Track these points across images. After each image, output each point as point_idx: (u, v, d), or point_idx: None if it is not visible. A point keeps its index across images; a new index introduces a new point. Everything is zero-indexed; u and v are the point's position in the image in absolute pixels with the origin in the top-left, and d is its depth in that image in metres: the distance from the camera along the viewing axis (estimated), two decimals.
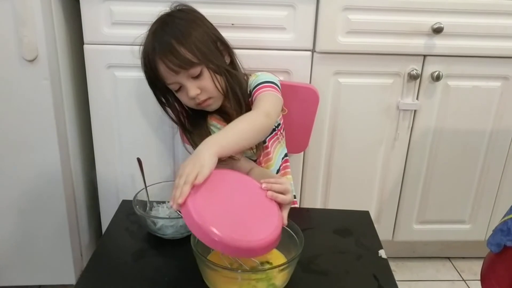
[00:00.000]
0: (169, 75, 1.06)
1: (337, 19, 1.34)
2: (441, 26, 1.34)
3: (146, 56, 1.08)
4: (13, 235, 1.46)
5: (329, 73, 1.40)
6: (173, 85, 1.09)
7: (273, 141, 1.21)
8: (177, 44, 1.04)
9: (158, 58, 1.05)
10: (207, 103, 1.11)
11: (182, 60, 1.04)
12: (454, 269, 1.75)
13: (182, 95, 1.11)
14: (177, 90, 1.10)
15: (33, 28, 1.23)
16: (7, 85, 1.28)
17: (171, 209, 0.97)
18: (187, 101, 1.11)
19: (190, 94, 1.07)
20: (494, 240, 0.95)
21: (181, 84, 1.08)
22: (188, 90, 1.07)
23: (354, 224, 0.99)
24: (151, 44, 1.06)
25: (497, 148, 1.55)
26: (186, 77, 1.06)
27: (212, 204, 0.76)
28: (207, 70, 1.07)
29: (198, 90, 1.07)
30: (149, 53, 1.06)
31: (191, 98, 1.08)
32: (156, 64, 1.06)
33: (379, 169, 1.55)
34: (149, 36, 1.09)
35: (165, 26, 1.07)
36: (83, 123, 1.49)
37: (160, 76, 1.08)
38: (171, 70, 1.04)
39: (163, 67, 1.05)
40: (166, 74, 1.06)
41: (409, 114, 1.47)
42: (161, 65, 1.05)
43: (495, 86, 1.47)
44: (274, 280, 0.76)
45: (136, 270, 0.86)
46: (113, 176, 1.47)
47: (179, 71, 1.05)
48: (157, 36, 1.06)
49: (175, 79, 1.07)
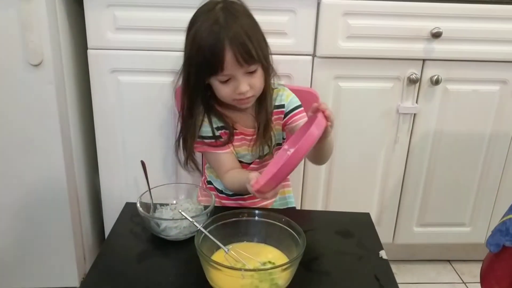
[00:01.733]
0: (231, 66, 1.02)
1: (337, 24, 1.35)
2: (440, 31, 1.36)
3: (211, 41, 1.01)
4: (17, 238, 1.47)
5: (330, 77, 1.42)
6: (224, 76, 1.05)
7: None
8: (247, 38, 1.02)
9: (228, 47, 1.00)
10: (248, 100, 1.09)
11: (249, 54, 1.02)
12: (455, 271, 1.76)
13: (226, 87, 1.07)
14: (224, 81, 1.06)
15: (38, 33, 1.25)
16: (13, 89, 1.30)
17: (174, 211, 0.98)
18: (229, 94, 1.07)
19: (241, 89, 1.05)
20: (493, 240, 0.97)
21: (234, 77, 1.05)
22: (240, 85, 1.05)
23: (355, 226, 1.00)
24: (218, 31, 1.01)
25: (496, 151, 1.56)
26: (243, 71, 1.05)
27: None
28: (261, 69, 1.08)
29: (248, 87, 1.06)
30: (217, 40, 1.01)
31: (238, 93, 1.06)
32: (223, 52, 1.00)
33: (379, 172, 1.56)
34: (208, 21, 1.03)
35: (231, 16, 1.03)
36: (87, 127, 1.50)
37: (217, 64, 1.02)
38: (237, 61, 1.01)
39: (230, 57, 1.01)
40: (228, 64, 1.02)
41: (408, 117, 1.49)
42: (228, 53, 1.01)
43: (493, 90, 1.48)
44: (276, 279, 0.78)
45: (140, 271, 0.87)
46: (116, 180, 1.48)
47: (243, 65, 1.02)
48: (226, 25, 1.01)
49: (232, 71, 1.03)
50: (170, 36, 1.32)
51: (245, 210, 0.92)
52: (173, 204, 1.01)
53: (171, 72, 1.36)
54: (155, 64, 1.35)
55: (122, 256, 0.92)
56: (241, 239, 0.90)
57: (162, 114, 1.40)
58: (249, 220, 0.90)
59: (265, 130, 1.14)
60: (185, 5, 1.29)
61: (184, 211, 0.93)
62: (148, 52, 1.34)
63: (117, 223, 1.02)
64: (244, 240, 0.90)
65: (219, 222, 0.88)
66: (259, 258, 0.84)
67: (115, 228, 1.00)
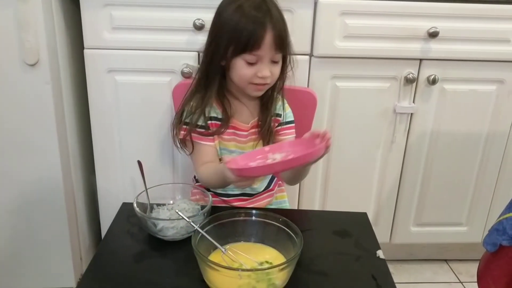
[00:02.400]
0: (267, 48, 1.05)
1: (334, 23, 1.35)
2: (436, 30, 1.36)
3: (253, 11, 1.04)
4: (13, 239, 1.46)
5: (327, 77, 1.42)
6: (254, 57, 1.07)
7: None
8: (283, 26, 1.08)
9: (270, 29, 1.04)
10: (264, 87, 1.13)
11: (284, 42, 1.08)
12: (452, 271, 1.77)
13: (250, 69, 1.08)
14: (250, 63, 1.08)
15: (34, 33, 1.24)
16: (9, 89, 1.30)
17: (171, 211, 0.98)
18: (249, 76, 1.08)
19: (263, 73, 1.07)
20: (490, 239, 0.97)
21: (261, 60, 1.07)
22: (263, 69, 1.08)
23: (353, 225, 1.01)
24: (263, 14, 1.05)
25: (493, 151, 1.56)
26: (271, 57, 1.08)
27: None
28: (281, 61, 1.12)
29: (270, 73, 1.09)
30: (260, 11, 1.04)
31: (260, 76, 1.08)
32: (265, 30, 1.04)
33: (376, 172, 1.56)
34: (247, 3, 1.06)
35: (270, 4, 1.08)
36: (83, 127, 1.50)
37: (256, 42, 1.04)
38: (275, 45, 1.05)
39: (269, 39, 1.04)
40: (266, 45, 1.05)
41: (405, 117, 1.49)
42: (269, 35, 1.04)
43: (490, 90, 1.49)
44: (274, 280, 0.77)
45: (137, 271, 0.87)
46: (113, 180, 1.48)
47: (277, 50, 1.07)
48: (268, 10, 1.06)
49: (264, 53, 1.06)
50: (167, 35, 1.32)
51: (242, 210, 0.92)
52: (170, 204, 1.01)
53: (168, 72, 1.36)
54: (152, 64, 1.35)
55: (119, 256, 0.92)
56: (238, 239, 0.90)
57: (159, 114, 1.40)
58: (246, 220, 0.90)
59: (267, 127, 1.16)
60: (182, 4, 1.30)
61: (181, 211, 0.93)
62: (145, 52, 1.34)
63: (113, 223, 1.01)
64: (241, 240, 0.90)
65: (216, 222, 0.88)
66: (256, 258, 0.84)
67: (112, 228, 1.00)
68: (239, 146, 1.17)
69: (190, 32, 1.32)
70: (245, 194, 1.22)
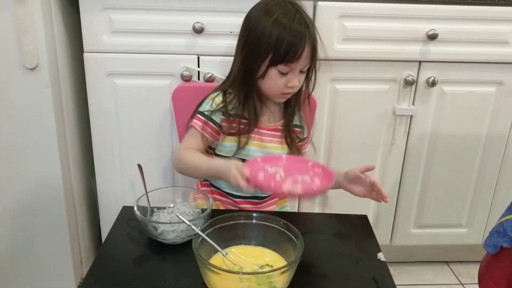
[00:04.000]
0: (302, 60, 1.08)
1: (333, 26, 1.36)
2: (435, 32, 1.37)
3: (292, 24, 1.06)
4: (13, 242, 1.46)
5: (326, 79, 1.42)
6: (288, 68, 1.09)
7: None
8: (316, 39, 1.11)
9: (309, 42, 1.08)
10: (290, 95, 1.15)
11: (317, 53, 1.11)
12: (452, 273, 1.76)
13: (281, 79, 1.10)
14: (283, 73, 1.10)
15: (34, 37, 1.24)
16: (8, 93, 1.30)
17: (172, 214, 0.97)
18: (280, 86, 1.11)
19: (293, 83, 1.11)
20: (490, 241, 0.97)
21: (292, 71, 1.10)
22: (293, 79, 1.10)
23: (353, 228, 1.01)
24: (303, 28, 1.07)
25: (492, 152, 1.56)
26: (302, 67, 1.11)
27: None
28: (307, 71, 1.15)
29: (298, 83, 1.12)
30: (299, 23, 1.07)
31: (291, 86, 1.11)
32: (304, 46, 1.07)
33: (376, 174, 1.56)
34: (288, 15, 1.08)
35: (304, 14, 1.10)
36: (83, 131, 1.50)
37: (295, 55, 1.07)
38: (311, 56, 1.09)
39: (307, 52, 1.08)
40: (303, 58, 1.08)
41: (405, 119, 1.49)
42: (307, 48, 1.08)
43: (489, 91, 1.49)
44: (275, 283, 0.77)
45: (138, 275, 0.87)
46: (113, 183, 1.47)
47: (310, 61, 1.11)
48: (306, 24, 1.08)
49: (298, 66, 1.09)
50: (166, 39, 1.32)
51: (243, 213, 0.91)
52: (170, 208, 1.01)
53: (168, 75, 1.36)
54: (151, 67, 1.35)
55: (119, 260, 0.92)
56: (239, 242, 0.89)
57: (159, 117, 1.40)
58: (246, 223, 0.90)
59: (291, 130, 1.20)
60: (181, 8, 1.30)
61: (182, 214, 0.93)
62: (144, 55, 1.34)
63: (114, 227, 1.01)
64: (241, 243, 0.90)
65: (216, 225, 0.87)
66: (257, 261, 0.84)
67: (112, 232, 1.00)
68: (260, 145, 1.18)
69: (190, 35, 1.32)
70: (256, 197, 1.22)
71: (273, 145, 1.19)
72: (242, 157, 1.16)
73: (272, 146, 1.19)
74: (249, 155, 1.16)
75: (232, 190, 1.20)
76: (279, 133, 1.20)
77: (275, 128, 1.20)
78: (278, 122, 1.21)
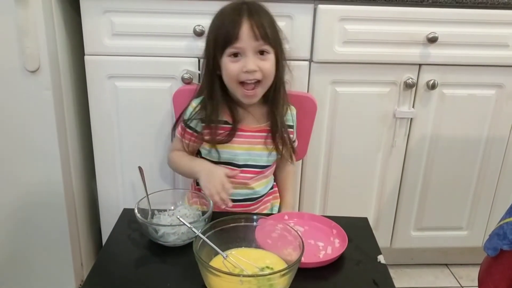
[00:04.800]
0: (246, 38, 1.05)
1: (334, 29, 1.36)
2: (435, 35, 1.37)
3: (230, 11, 1.08)
4: (13, 244, 1.46)
5: (327, 82, 1.42)
6: (236, 49, 1.07)
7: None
8: (264, 15, 1.08)
9: (247, 17, 1.05)
10: (255, 91, 1.11)
11: (265, 31, 1.06)
12: (452, 275, 1.76)
13: (235, 64, 1.08)
14: (234, 56, 1.08)
15: (35, 40, 1.25)
16: (10, 95, 1.30)
17: (172, 217, 0.98)
18: (236, 72, 1.08)
19: (248, 66, 1.07)
20: (490, 244, 0.97)
21: (244, 53, 1.07)
22: (248, 62, 1.07)
23: (353, 230, 1.00)
24: (240, 7, 1.07)
25: (492, 155, 1.56)
26: (254, 48, 1.07)
27: None
28: (273, 56, 1.10)
29: (257, 67, 1.08)
30: (237, 10, 1.07)
31: (245, 71, 1.07)
32: (241, 23, 1.05)
33: (376, 177, 1.56)
34: (229, 6, 1.11)
35: (253, 3, 1.09)
36: (84, 133, 1.50)
37: (233, 33, 1.06)
38: (253, 33, 1.05)
39: (246, 28, 1.05)
40: (243, 35, 1.05)
41: (405, 122, 1.49)
42: (245, 24, 1.05)
43: (489, 94, 1.49)
44: (275, 285, 0.77)
45: (138, 277, 0.87)
46: (114, 186, 1.48)
47: (258, 38, 1.06)
48: (247, 6, 1.08)
49: (245, 44, 1.06)
50: (167, 41, 1.33)
51: (243, 216, 0.92)
52: (171, 210, 1.01)
53: (168, 78, 1.36)
54: (152, 69, 1.36)
55: (120, 262, 0.92)
56: (239, 245, 0.89)
57: (159, 119, 1.40)
58: (247, 225, 0.90)
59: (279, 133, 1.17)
60: (182, 11, 1.30)
61: (182, 217, 0.93)
62: (145, 58, 1.35)
63: (114, 229, 1.02)
64: (242, 245, 0.90)
65: (217, 227, 0.87)
66: (258, 264, 0.84)
67: (113, 234, 1.00)
68: (246, 147, 1.17)
69: (190, 38, 1.32)
70: (248, 199, 1.22)
71: (258, 147, 1.18)
72: (227, 161, 1.18)
73: (256, 148, 1.18)
74: (235, 158, 1.17)
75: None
76: (264, 133, 1.19)
77: (260, 129, 1.19)
78: (263, 124, 1.19)
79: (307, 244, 0.93)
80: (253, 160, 1.19)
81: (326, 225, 1.01)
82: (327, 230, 1.00)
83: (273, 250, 0.88)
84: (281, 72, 1.15)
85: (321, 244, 0.96)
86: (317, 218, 1.04)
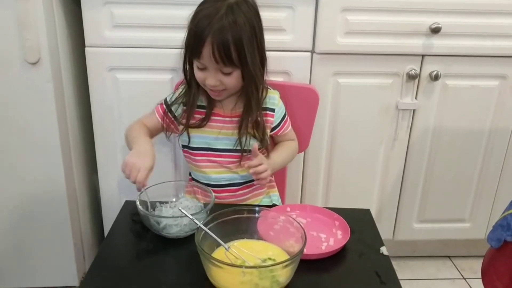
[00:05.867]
0: (207, 59, 1.05)
1: (336, 20, 1.35)
2: (439, 26, 1.36)
3: (199, 28, 1.05)
4: (15, 238, 1.47)
5: (329, 73, 1.42)
6: (200, 64, 1.08)
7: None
8: (232, 41, 1.04)
9: (210, 41, 1.03)
10: (220, 94, 1.13)
11: (227, 57, 1.04)
12: (455, 267, 1.76)
13: (201, 74, 1.10)
14: (200, 68, 1.09)
15: (35, 32, 1.24)
16: (10, 88, 1.30)
17: (174, 209, 0.98)
18: (201, 81, 1.11)
19: (208, 81, 1.08)
20: (494, 235, 0.97)
21: (207, 69, 1.08)
22: (208, 77, 1.08)
23: (356, 222, 1.00)
24: (210, 23, 1.03)
25: (495, 146, 1.56)
26: (216, 68, 1.07)
27: None
28: (239, 73, 1.09)
29: (218, 82, 1.09)
30: (203, 29, 1.04)
31: (206, 85, 1.10)
32: (204, 43, 1.04)
33: (379, 169, 1.56)
34: (208, 9, 1.05)
35: (231, 16, 1.04)
36: (85, 125, 1.50)
37: (196, 51, 1.06)
38: (213, 57, 1.04)
39: (207, 50, 1.04)
40: (205, 55, 1.05)
41: (408, 113, 1.49)
42: (207, 47, 1.04)
43: (493, 85, 1.48)
44: (277, 276, 0.77)
45: (140, 269, 0.87)
46: (115, 178, 1.47)
47: (218, 62, 1.05)
48: (219, 20, 1.03)
49: (207, 63, 1.06)
50: (168, 33, 1.32)
51: (245, 207, 0.91)
52: (173, 202, 1.01)
53: (170, 70, 1.36)
54: (153, 61, 1.35)
55: (122, 254, 0.92)
56: (241, 236, 0.89)
57: None
58: (249, 217, 0.90)
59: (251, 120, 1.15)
60: (183, 2, 1.29)
61: (184, 208, 0.93)
62: (146, 50, 1.34)
63: (116, 222, 1.01)
64: (244, 237, 0.89)
65: (219, 219, 0.87)
66: (260, 255, 0.84)
67: (115, 226, 1.00)
68: (221, 132, 1.17)
69: None
70: (233, 184, 1.21)
71: (229, 132, 1.17)
72: (205, 146, 1.18)
73: (224, 133, 1.17)
74: (210, 143, 1.18)
75: (210, 181, 1.20)
76: (236, 118, 1.17)
77: (231, 115, 1.17)
78: (239, 110, 1.17)
79: (310, 236, 0.92)
80: (232, 145, 1.18)
81: (329, 217, 1.01)
82: (330, 222, 1.00)
83: (275, 242, 0.88)
84: (252, 79, 1.11)
85: (323, 236, 0.95)
86: (320, 210, 1.04)
